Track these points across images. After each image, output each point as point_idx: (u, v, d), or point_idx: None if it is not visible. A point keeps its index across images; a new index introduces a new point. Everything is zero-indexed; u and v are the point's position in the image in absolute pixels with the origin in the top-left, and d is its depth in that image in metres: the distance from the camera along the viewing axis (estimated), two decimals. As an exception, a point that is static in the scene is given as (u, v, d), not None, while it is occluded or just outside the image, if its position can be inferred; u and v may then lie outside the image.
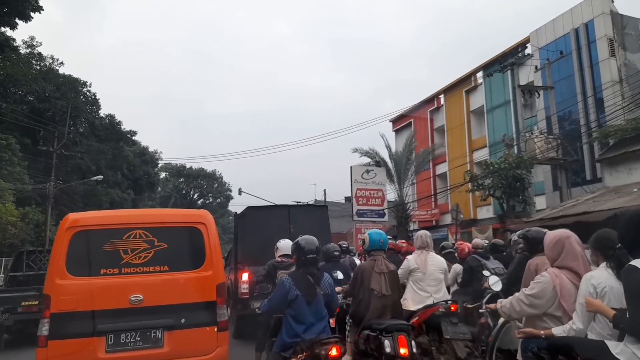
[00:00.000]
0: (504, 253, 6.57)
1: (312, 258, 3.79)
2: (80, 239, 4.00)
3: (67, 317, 3.80)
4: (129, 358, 3.85)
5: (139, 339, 3.92)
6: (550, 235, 3.18)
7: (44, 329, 3.78)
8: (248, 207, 8.35)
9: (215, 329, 4.10)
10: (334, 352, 3.35)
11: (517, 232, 6.27)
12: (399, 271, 5.09)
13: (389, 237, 7.50)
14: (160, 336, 3.97)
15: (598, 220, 10.42)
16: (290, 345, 3.56)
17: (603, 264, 2.64)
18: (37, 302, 8.19)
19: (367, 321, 4.19)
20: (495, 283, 4.09)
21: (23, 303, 8.32)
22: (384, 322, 4.03)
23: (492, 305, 3.68)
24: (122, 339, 3.88)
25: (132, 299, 3.92)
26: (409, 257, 5.40)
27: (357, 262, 7.54)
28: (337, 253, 5.92)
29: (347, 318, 4.91)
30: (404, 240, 9.94)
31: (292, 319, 3.62)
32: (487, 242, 7.54)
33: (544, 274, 3.08)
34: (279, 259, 5.46)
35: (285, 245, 5.52)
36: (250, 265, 7.09)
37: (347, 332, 4.95)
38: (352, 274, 6.02)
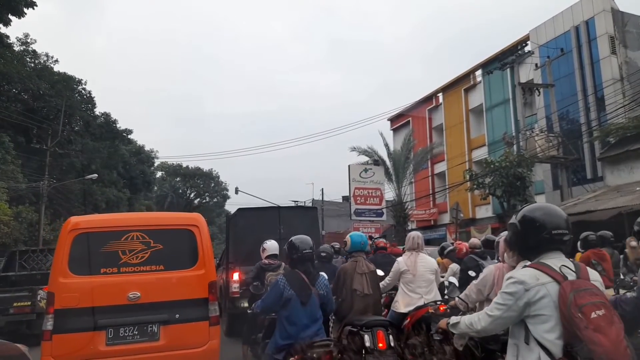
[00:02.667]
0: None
1: (308, 254, 3.87)
2: (81, 240, 4.42)
3: (70, 313, 4.20)
4: (128, 351, 4.26)
5: (136, 332, 4.34)
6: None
7: (49, 324, 4.18)
8: (239, 209, 8.75)
9: (208, 324, 4.52)
10: (326, 356, 3.48)
11: None
12: (390, 274, 5.32)
13: (378, 236, 7.87)
14: (156, 330, 4.39)
15: (602, 219, 10.70)
16: (284, 347, 3.60)
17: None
18: (29, 303, 8.26)
19: (348, 318, 4.54)
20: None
21: (15, 304, 8.31)
22: (364, 318, 4.38)
23: (452, 302, 4.11)
24: (121, 333, 4.30)
25: (130, 296, 4.34)
26: (398, 259, 5.52)
27: None
28: (323, 254, 6.23)
29: (331, 315, 5.31)
30: (386, 242, 10.19)
31: (286, 320, 3.66)
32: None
33: (490, 267, 3.77)
34: (267, 261, 5.71)
35: (272, 245, 5.77)
36: (241, 265, 7.41)
37: (330, 329, 5.36)
38: None
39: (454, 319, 2.40)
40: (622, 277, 5.61)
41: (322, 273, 5.08)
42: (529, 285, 1.99)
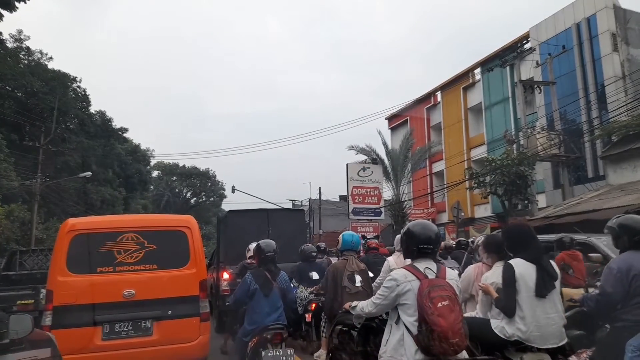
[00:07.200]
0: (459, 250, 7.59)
1: (270, 256, 4.64)
2: (78, 241, 4.79)
3: (68, 309, 4.57)
4: (123, 345, 4.63)
5: (131, 328, 4.72)
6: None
7: (47, 320, 4.55)
8: (229, 211, 9.28)
9: (198, 320, 4.92)
10: (277, 337, 4.27)
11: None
12: (381, 273, 5.66)
13: (371, 236, 8.30)
14: (149, 326, 4.78)
15: (609, 218, 10.86)
16: (250, 331, 4.40)
17: (497, 263, 3.51)
18: (32, 301, 8.62)
19: (340, 317, 4.82)
20: None
21: (18, 302, 8.65)
22: (350, 316, 4.66)
23: None
24: (117, 328, 4.68)
25: (125, 293, 4.72)
26: (389, 258, 5.98)
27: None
28: (314, 254, 6.66)
29: (322, 314, 5.67)
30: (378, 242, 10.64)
31: (252, 309, 4.46)
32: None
33: (470, 267, 4.35)
34: (249, 260, 6.29)
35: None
36: (231, 265, 7.84)
37: (322, 328, 5.73)
38: None
39: (354, 303, 3.42)
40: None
41: (314, 273, 5.93)
42: (399, 281, 2.79)
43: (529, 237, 3.36)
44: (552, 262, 3.33)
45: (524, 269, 3.18)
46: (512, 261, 3.25)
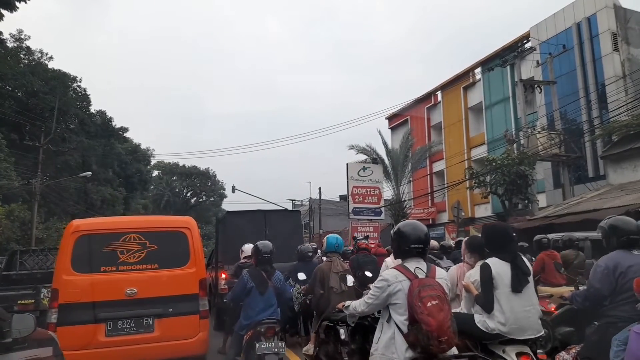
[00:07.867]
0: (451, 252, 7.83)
1: (266, 257, 4.90)
2: (83, 241, 5.02)
3: (73, 307, 4.78)
4: (125, 341, 4.85)
5: (133, 325, 4.95)
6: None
7: (53, 317, 4.76)
8: (228, 212, 9.51)
9: (198, 317, 5.15)
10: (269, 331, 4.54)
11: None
12: (380, 274, 5.97)
13: (361, 237, 8.58)
14: (151, 323, 5.00)
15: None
16: (245, 326, 4.69)
17: (480, 262, 3.73)
18: (33, 301, 8.65)
19: (326, 314, 5.16)
20: None
21: (19, 302, 8.63)
22: (340, 314, 4.86)
23: None
24: (119, 325, 4.91)
25: (128, 291, 4.94)
26: (387, 259, 6.18)
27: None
28: (310, 254, 6.93)
29: (314, 312, 5.91)
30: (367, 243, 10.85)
31: (248, 305, 4.74)
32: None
33: (453, 267, 4.50)
34: (244, 260, 6.60)
35: (249, 248, 6.59)
36: (230, 264, 8.07)
37: (310, 325, 6.00)
38: None
39: (347, 303, 3.53)
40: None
41: (301, 273, 6.29)
42: (390, 282, 2.88)
43: (506, 238, 3.60)
44: (525, 260, 3.56)
45: (500, 267, 3.41)
46: (488, 260, 3.50)
